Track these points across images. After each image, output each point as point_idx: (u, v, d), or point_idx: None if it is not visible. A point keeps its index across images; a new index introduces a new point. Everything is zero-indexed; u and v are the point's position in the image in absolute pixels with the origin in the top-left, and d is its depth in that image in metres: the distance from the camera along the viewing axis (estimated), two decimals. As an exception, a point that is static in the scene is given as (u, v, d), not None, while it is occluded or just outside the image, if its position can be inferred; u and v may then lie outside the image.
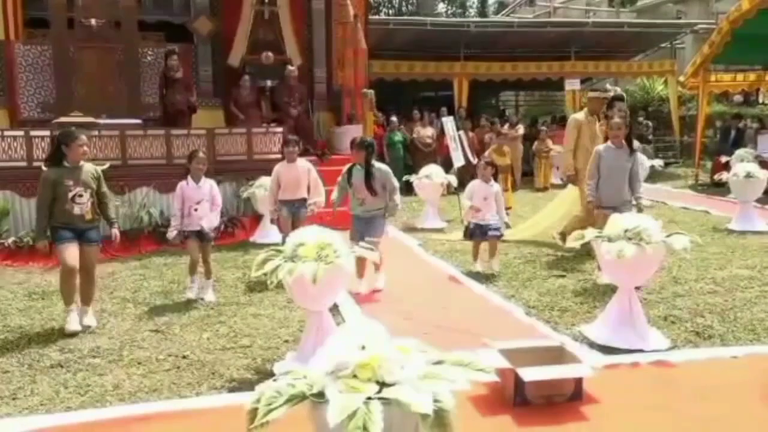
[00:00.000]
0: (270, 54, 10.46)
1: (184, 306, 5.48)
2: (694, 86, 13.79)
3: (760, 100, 18.97)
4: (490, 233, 6.38)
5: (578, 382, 3.54)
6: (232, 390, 3.81)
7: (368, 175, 5.73)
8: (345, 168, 5.98)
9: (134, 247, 7.66)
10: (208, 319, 5.14)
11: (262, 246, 6.62)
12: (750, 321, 4.82)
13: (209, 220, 5.74)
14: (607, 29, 16.36)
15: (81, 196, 4.88)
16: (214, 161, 8.77)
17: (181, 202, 5.70)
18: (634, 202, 5.83)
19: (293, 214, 6.37)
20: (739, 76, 14.66)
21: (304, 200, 6.40)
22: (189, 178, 5.71)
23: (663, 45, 17.31)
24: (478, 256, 6.50)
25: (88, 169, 5.01)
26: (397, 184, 5.88)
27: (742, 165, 9.13)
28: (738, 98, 18.57)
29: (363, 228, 5.73)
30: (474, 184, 6.57)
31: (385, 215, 5.87)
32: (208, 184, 5.79)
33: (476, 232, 6.45)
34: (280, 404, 2.04)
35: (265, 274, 3.86)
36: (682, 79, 14.26)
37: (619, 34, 16.22)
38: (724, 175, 9.51)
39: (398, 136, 13.15)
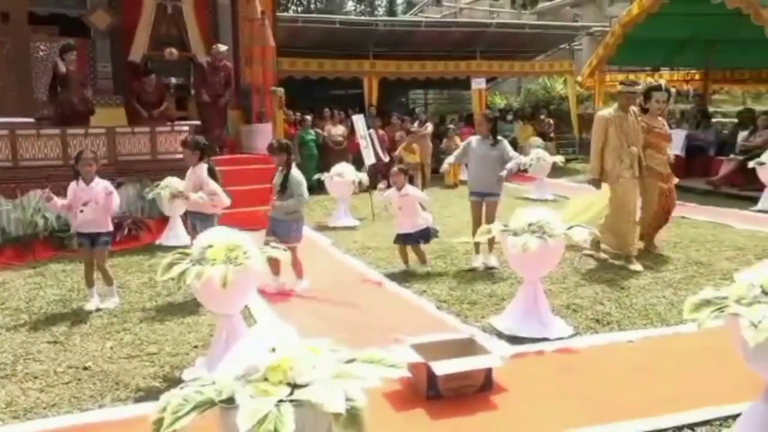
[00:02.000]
0: (174, 50, 10.12)
1: (85, 314, 5.20)
2: (590, 86, 14.51)
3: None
4: (408, 240, 6.41)
5: (488, 372, 3.65)
6: (138, 400, 3.66)
7: (286, 179, 5.71)
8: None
9: (28, 253, 7.19)
10: (111, 327, 4.90)
11: (169, 249, 6.39)
12: (644, 307, 5.13)
13: (97, 223, 5.34)
14: (510, 30, 16.92)
15: None
16: (115, 162, 8.40)
17: (69, 204, 5.40)
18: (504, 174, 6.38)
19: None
20: (631, 77, 15.51)
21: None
22: (80, 178, 5.40)
23: (562, 46, 18.10)
24: (407, 259, 6.49)
25: None
26: (303, 193, 5.72)
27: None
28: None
29: (276, 230, 5.70)
30: (390, 193, 6.59)
31: (298, 220, 5.81)
32: (101, 186, 5.39)
33: (399, 240, 6.50)
34: (186, 412, 1.98)
35: (171, 279, 3.73)
36: (579, 78, 14.96)
37: (521, 35, 16.82)
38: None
39: (311, 135, 13.06)
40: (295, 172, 5.78)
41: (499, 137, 6.60)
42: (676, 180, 7.00)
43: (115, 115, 9.43)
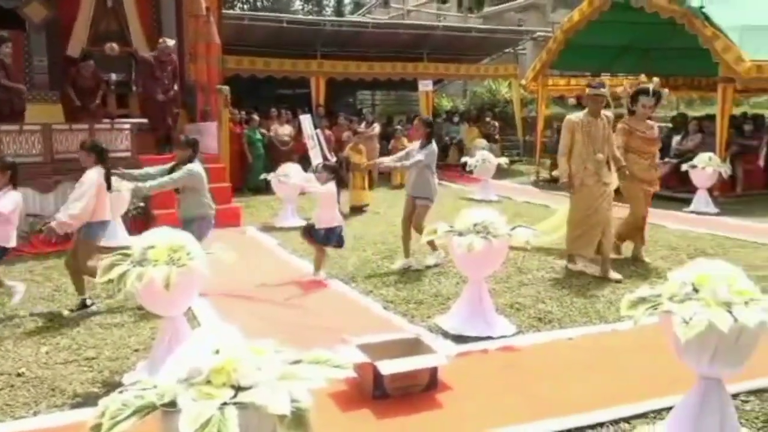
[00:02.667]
0: (114, 45, 9.82)
1: (18, 318, 5.00)
2: (534, 89, 14.83)
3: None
4: (316, 236, 6.20)
5: (433, 371, 3.69)
6: (75, 406, 3.54)
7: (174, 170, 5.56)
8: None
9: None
10: (46, 332, 4.73)
11: (108, 250, 6.19)
12: (583, 305, 5.28)
13: None
14: (456, 33, 17.12)
15: None
16: (52, 160, 8.11)
17: None
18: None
19: None
20: (573, 81, 15.97)
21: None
22: None
23: (507, 50, 18.42)
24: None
25: None
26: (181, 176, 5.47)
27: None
28: (572, 101, 20.25)
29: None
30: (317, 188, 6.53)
31: (197, 221, 5.55)
32: None
33: (306, 234, 6.30)
34: (126, 417, 1.93)
35: (111, 281, 3.63)
36: (523, 82, 15.27)
37: (467, 38, 17.05)
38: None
39: (258, 135, 12.92)
40: (191, 165, 5.50)
41: (432, 143, 6.64)
42: (656, 187, 6.78)
43: (51, 112, 9.06)
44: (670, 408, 3.18)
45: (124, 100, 10.34)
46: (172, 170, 5.56)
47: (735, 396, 3.37)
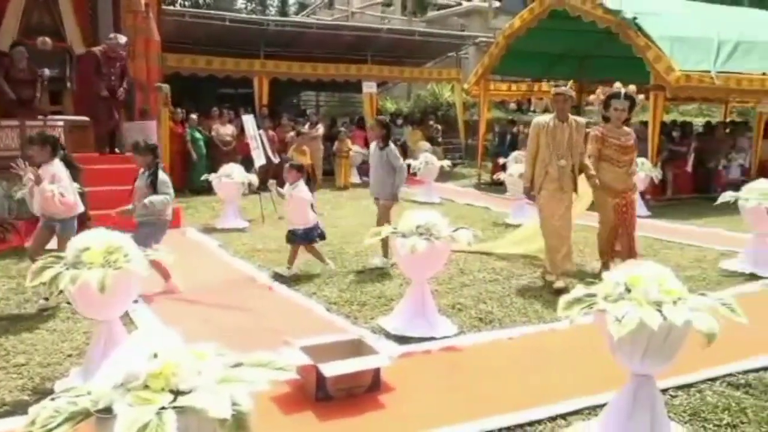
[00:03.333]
0: (48, 39, 9.44)
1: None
2: (476, 94, 15.08)
3: (531, 108, 21.33)
4: (298, 238, 6.30)
5: (376, 372, 3.70)
6: (3, 415, 3.39)
7: (155, 179, 5.52)
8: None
9: None
10: (-28, 338, 4.51)
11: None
12: (523, 305, 5.41)
13: None
14: (400, 36, 17.24)
15: None
16: (-22, 158, 7.73)
17: None
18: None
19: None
20: (514, 86, 16.33)
21: None
22: None
23: (450, 54, 18.67)
24: (293, 260, 6.35)
25: None
26: (169, 193, 5.57)
27: (516, 166, 10.21)
28: (513, 106, 20.72)
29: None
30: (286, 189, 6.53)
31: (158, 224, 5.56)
32: None
33: (291, 238, 6.35)
34: (58, 424, 1.86)
35: (43, 284, 3.49)
36: (466, 86, 15.51)
37: (410, 41, 17.19)
38: (501, 175, 10.55)
39: (199, 134, 12.68)
40: (163, 174, 5.59)
41: (390, 143, 6.75)
42: (635, 195, 6.52)
43: (-23, 108, 8.65)
44: (604, 404, 3.29)
45: (58, 96, 9.95)
46: (149, 179, 5.49)
47: (664, 391, 3.51)
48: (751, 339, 4.04)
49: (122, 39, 9.21)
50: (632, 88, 6.32)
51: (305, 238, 6.30)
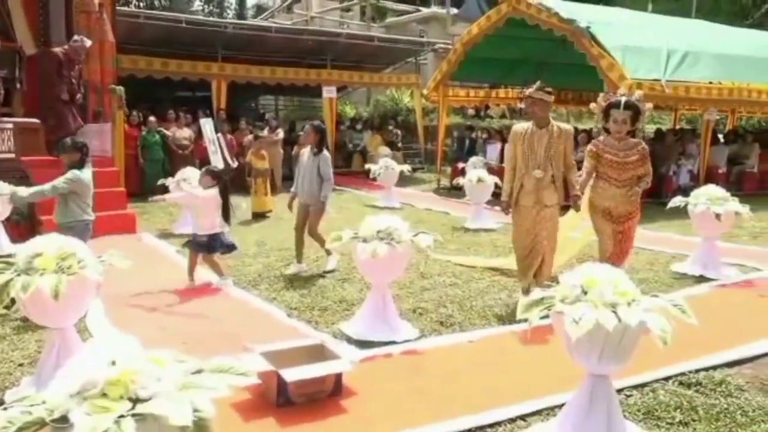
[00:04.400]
0: (-5, 39, 9.16)
1: None
2: (435, 99, 15.21)
3: (490, 114, 21.64)
4: (196, 247, 6.08)
5: (338, 377, 3.70)
6: (-51, 428, 3.26)
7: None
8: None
9: None
10: None
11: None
12: (483, 308, 5.47)
13: None
14: (360, 41, 17.29)
15: None
16: None
17: None
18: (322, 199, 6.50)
19: None
20: (472, 92, 16.54)
21: None
22: None
23: (409, 60, 18.82)
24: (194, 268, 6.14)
25: None
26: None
27: (474, 171, 10.34)
28: (471, 111, 20.98)
29: None
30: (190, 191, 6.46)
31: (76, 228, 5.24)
32: None
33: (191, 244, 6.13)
34: (12, 435, 1.81)
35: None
36: (425, 92, 15.64)
37: (370, 46, 17.25)
38: (460, 180, 10.67)
39: (155, 137, 12.43)
40: (76, 172, 5.27)
41: (324, 150, 6.68)
42: (635, 220, 5.57)
43: None
44: (562, 404, 3.36)
45: (8, 97, 9.63)
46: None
47: (620, 391, 3.60)
48: (701, 339, 4.18)
49: (87, 42, 8.94)
50: (639, 94, 5.66)
51: (206, 247, 6.03)
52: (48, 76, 8.77)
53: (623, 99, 5.37)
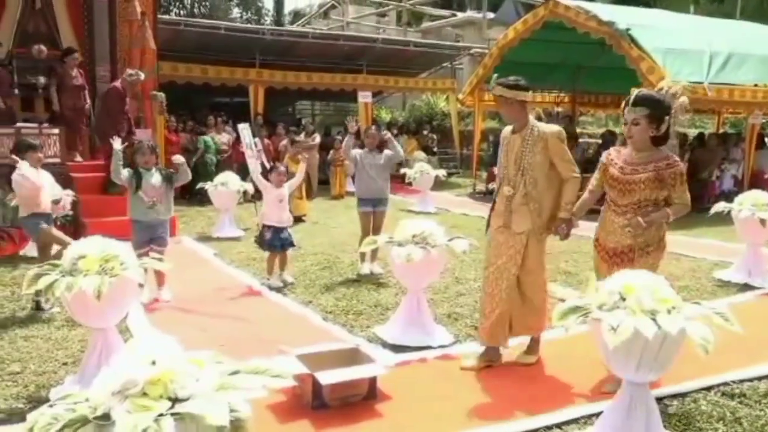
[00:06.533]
0: (43, 47, 9.45)
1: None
2: (470, 104, 15.16)
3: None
4: (286, 245, 6.35)
5: (372, 381, 3.70)
6: (-2, 423, 3.37)
7: (170, 178, 5.65)
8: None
9: None
10: (-34, 346, 4.49)
11: (33, 260, 5.95)
12: (518, 314, 5.40)
13: None
14: (396, 46, 17.34)
15: None
16: (-28, 165, 7.72)
17: None
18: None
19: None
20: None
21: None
22: None
23: (444, 64, 18.79)
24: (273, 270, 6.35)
25: None
26: None
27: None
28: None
29: (151, 235, 5.54)
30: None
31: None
32: None
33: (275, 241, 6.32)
34: (56, 431, 1.86)
35: (38, 292, 3.48)
36: (461, 96, 15.59)
37: (406, 51, 17.28)
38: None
39: (210, 142, 12.78)
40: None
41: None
42: (627, 263, 3.80)
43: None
44: (599, 413, 3.30)
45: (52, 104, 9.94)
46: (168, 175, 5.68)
47: (659, 400, 3.53)
48: (745, 348, 4.07)
49: (141, 75, 9.06)
50: (676, 88, 4.26)
51: (266, 243, 6.33)
52: (112, 113, 8.70)
53: (634, 93, 3.82)
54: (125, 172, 5.45)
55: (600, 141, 13.90)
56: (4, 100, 8.65)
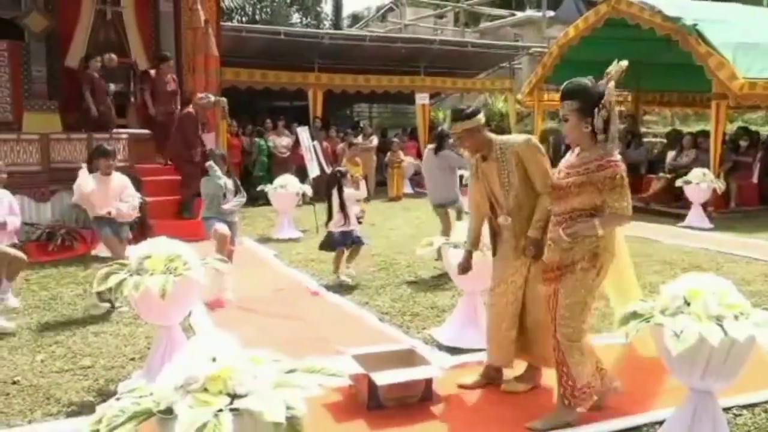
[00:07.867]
0: (113, 56, 9.89)
1: (13, 327, 5.00)
2: (529, 104, 14.93)
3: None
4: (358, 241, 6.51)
5: (428, 382, 3.70)
6: (70, 415, 3.54)
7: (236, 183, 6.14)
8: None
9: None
10: (42, 340, 4.73)
11: (105, 260, 6.22)
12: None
13: None
14: (453, 47, 17.25)
15: None
16: (48, 169, 8.15)
17: None
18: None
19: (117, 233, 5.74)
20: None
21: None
22: None
23: (503, 65, 18.57)
24: (340, 267, 6.46)
25: None
26: None
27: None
28: (567, 116, 20.38)
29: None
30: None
31: None
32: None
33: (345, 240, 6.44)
34: (122, 423, 1.95)
35: (108, 290, 3.64)
36: (519, 96, 15.38)
37: (463, 52, 17.17)
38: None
39: (264, 145, 13.11)
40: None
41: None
42: (570, 278, 3.27)
43: (49, 122, 9.10)
44: (662, 421, 3.20)
45: (123, 110, 10.39)
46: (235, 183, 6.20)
47: (727, 410, 3.39)
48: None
49: (212, 98, 9.22)
50: (614, 68, 3.48)
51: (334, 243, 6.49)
52: (187, 138, 8.87)
53: (564, 85, 3.46)
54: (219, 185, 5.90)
55: (665, 140, 13.43)
56: (98, 107, 9.08)
